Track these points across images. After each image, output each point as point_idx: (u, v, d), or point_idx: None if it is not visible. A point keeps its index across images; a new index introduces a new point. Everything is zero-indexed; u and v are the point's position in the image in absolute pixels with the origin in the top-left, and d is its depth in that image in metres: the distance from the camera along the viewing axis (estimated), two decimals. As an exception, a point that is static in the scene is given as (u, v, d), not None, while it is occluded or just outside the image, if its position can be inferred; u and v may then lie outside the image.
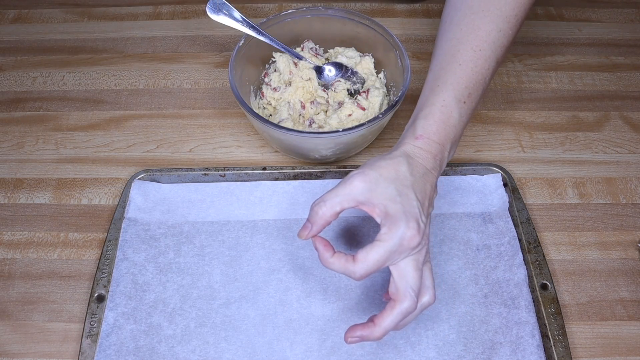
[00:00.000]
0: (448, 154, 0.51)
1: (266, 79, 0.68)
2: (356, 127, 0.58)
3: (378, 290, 0.56)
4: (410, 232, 0.45)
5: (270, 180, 0.63)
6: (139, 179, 0.63)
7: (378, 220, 0.46)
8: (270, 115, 0.67)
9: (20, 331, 0.54)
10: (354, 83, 0.67)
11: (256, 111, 0.65)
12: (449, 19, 0.54)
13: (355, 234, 0.60)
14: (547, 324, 0.53)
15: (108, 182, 0.65)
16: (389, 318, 0.45)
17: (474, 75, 0.51)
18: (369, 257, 0.45)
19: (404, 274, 0.45)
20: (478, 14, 0.52)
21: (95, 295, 0.55)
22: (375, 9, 0.85)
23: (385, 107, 0.65)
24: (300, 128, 0.64)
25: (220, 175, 0.63)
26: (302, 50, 0.70)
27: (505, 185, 0.62)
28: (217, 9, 0.66)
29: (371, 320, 0.46)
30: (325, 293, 0.56)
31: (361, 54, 0.70)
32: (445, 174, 0.63)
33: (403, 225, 0.45)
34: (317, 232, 0.48)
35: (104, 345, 0.51)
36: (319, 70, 0.68)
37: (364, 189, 0.46)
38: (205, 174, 0.63)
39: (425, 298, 0.47)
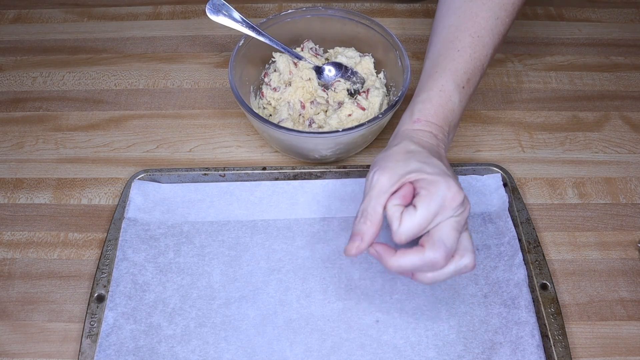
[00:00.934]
0: (447, 138, 0.50)
1: (266, 79, 0.68)
2: (356, 127, 0.58)
3: (378, 291, 0.56)
4: (452, 190, 0.43)
5: (270, 180, 0.63)
6: (138, 179, 0.63)
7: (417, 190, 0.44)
8: (270, 115, 0.67)
9: (20, 331, 0.54)
10: (354, 83, 0.67)
11: (256, 111, 0.65)
12: (445, 7, 0.54)
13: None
14: (547, 324, 0.53)
15: (108, 182, 0.65)
16: (409, 257, 0.44)
17: (473, 62, 0.51)
18: (414, 221, 0.43)
19: (441, 228, 0.44)
20: (475, 1, 0.52)
21: (95, 295, 0.55)
22: (375, 9, 0.85)
23: (385, 107, 0.65)
24: (300, 128, 0.64)
25: (220, 175, 0.63)
26: (302, 50, 0.70)
27: (505, 185, 0.62)
28: (217, 10, 0.66)
29: (395, 249, 0.45)
30: (325, 293, 0.56)
31: (361, 54, 0.70)
32: (445, 174, 0.63)
33: (442, 184, 0.43)
34: (369, 243, 0.46)
35: (104, 345, 0.51)
36: (318, 70, 0.68)
37: (391, 179, 0.45)
38: (205, 174, 0.63)
39: (464, 260, 0.45)
